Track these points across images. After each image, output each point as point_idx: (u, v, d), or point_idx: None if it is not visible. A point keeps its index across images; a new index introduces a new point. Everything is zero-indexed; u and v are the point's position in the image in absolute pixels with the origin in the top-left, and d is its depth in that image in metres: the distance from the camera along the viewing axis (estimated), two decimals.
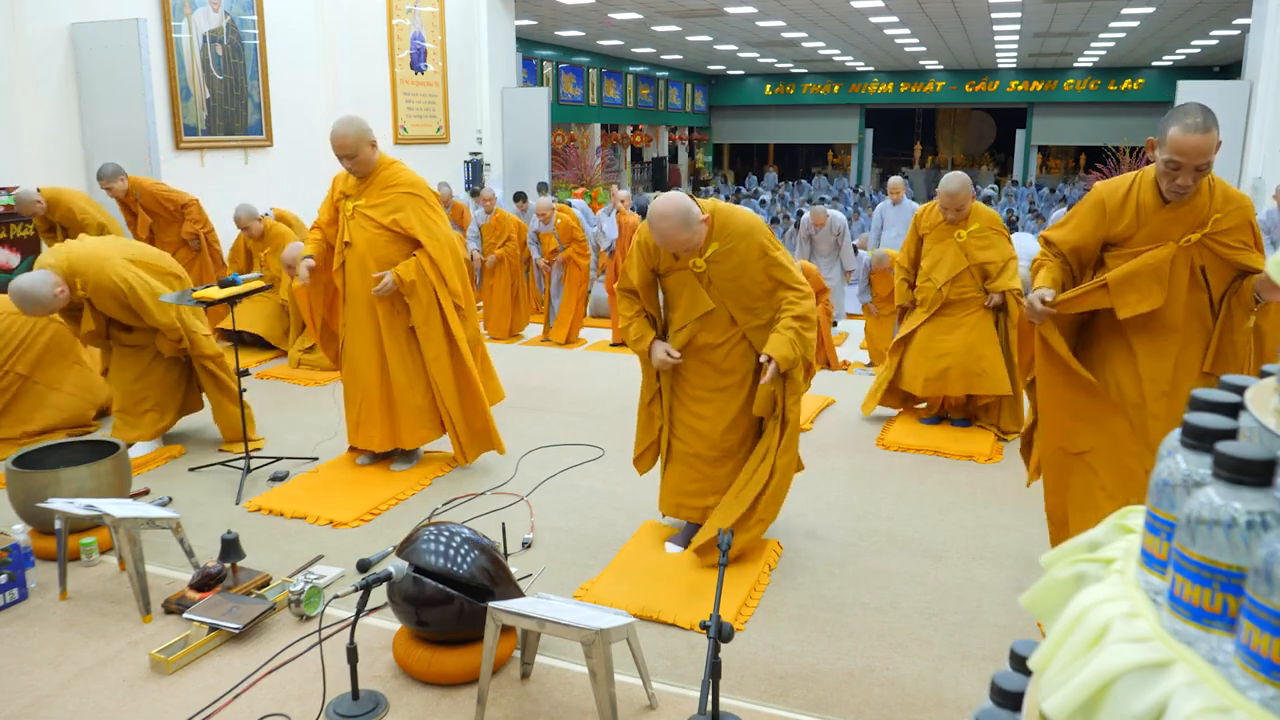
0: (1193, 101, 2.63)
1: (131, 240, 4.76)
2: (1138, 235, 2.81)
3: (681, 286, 3.24)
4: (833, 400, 5.52)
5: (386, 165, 4.11)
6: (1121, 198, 2.84)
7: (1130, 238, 2.83)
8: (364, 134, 3.99)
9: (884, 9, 15.42)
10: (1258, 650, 0.68)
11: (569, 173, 14.13)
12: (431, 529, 2.70)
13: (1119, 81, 24.18)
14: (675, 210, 3.01)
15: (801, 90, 27.84)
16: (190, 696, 2.56)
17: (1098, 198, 2.89)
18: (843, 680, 2.67)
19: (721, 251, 3.15)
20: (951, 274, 4.80)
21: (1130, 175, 2.88)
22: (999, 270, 4.78)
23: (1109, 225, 2.85)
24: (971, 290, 4.82)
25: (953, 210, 4.78)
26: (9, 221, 7.28)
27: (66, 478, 3.32)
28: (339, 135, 3.94)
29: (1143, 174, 2.83)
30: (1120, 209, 2.82)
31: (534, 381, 6.05)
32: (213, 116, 9.18)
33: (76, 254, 4.23)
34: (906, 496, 4.09)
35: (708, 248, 3.15)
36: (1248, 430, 0.83)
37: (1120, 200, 2.83)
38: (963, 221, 4.82)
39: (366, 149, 4.00)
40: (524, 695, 2.57)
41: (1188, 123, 2.56)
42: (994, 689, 0.99)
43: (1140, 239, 2.81)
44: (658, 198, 3.10)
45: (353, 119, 4.00)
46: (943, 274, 4.83)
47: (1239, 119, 10.29)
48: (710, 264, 3.17)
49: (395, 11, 11.58)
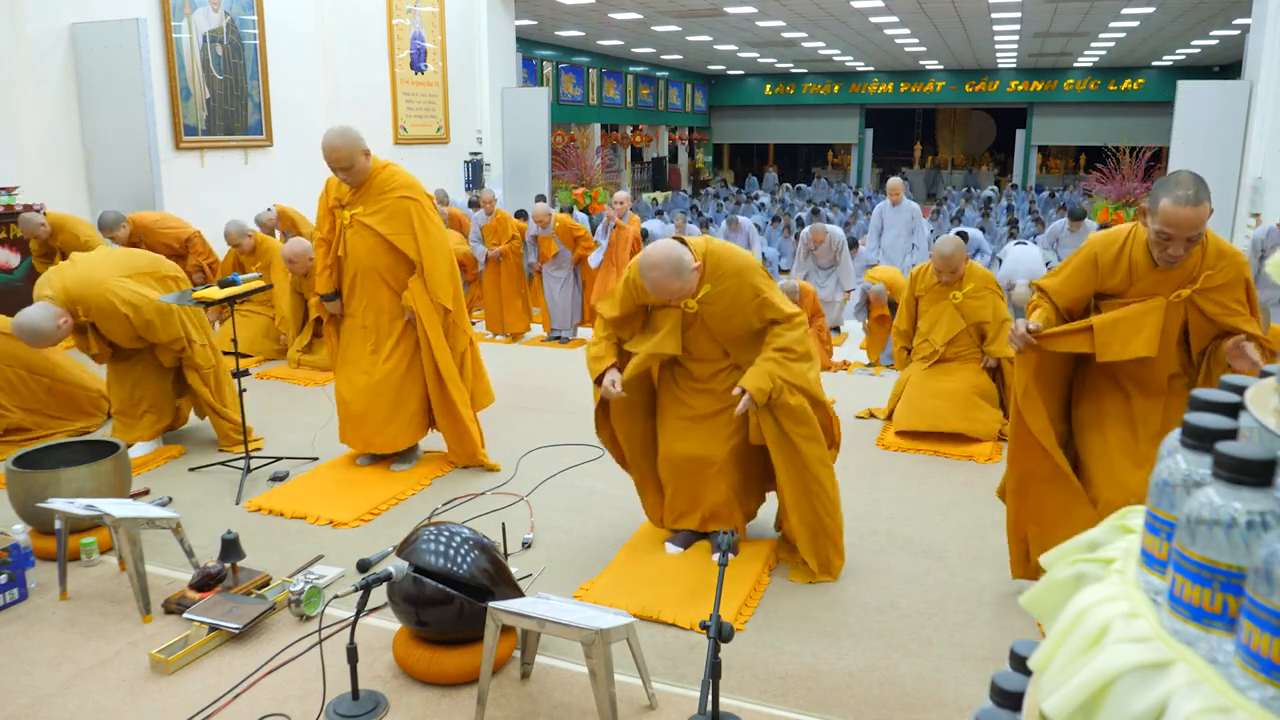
0: (1185, 170, 2.62)
1: (123, 250, 4.72)
2: (1129, 291, 2.86)
3: (664, 320, 3.23)
4: (832, 400, 5.52)
5: (380, 169, 4.07)
6: (1114, 254, 2.85)
7: (1123, 293, 2.87)
8: (357, 144, 3.94)
9: (884, 9, 15.42)
10: (1258, 650, 0.68)
11: (569, 173, 14.11)
12: (431, 529, 2.70)
13: (1119, 81, 24.18)
14: (666, 260, 2.98)
15: (801, 90, 27.84)
16: (190, 696, 2.56)
17: (1091, 252, 2.89)
18: (843, 680, 2.67)
19: (715, 293, 3.14)
20: (949, 335, 4.84)
21: (1125, 230, 2.88)
22: (995, 331, 4.80)
23: (1101, 280, 2.88)
24: (969, 348, 4.88)
25: (947, 272, 4.81)
26: (9, 221, 7.28)
27: (66, 478, 3.32)
28: (332, 148, 3.90)
29: (1136, 231, 2.84)
30: (1113, 265, 2.85)
31: (534, 381, 6.05)
32: (213, 116, 9.18)
33: (73, 280, 4.15)
34: (906, 496, 4.09)
35: (700, 290, 3.13)
36: (1248, 430, 0.83)
37: (1113, 257, 2.85)
38: (957, 283, 4.85)
39: (360, 159, 3.96)
40: (524, 695, 2.57)
41: (1179, 195, 2.55)
42: (994, 689, 0.99)
43: (1132, 294, 2.85)
44: (650, 247, 3.05)
45: (345, 130, 3.96)
46: (940, 335, 4.86)
47: (1239, 119, 10.29)
48: (702, 305, 3.16)
49: (395, 11, 11.58)
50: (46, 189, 7.72)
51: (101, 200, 8.14)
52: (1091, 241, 2.94)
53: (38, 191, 7.61)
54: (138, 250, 4.67)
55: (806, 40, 19.44)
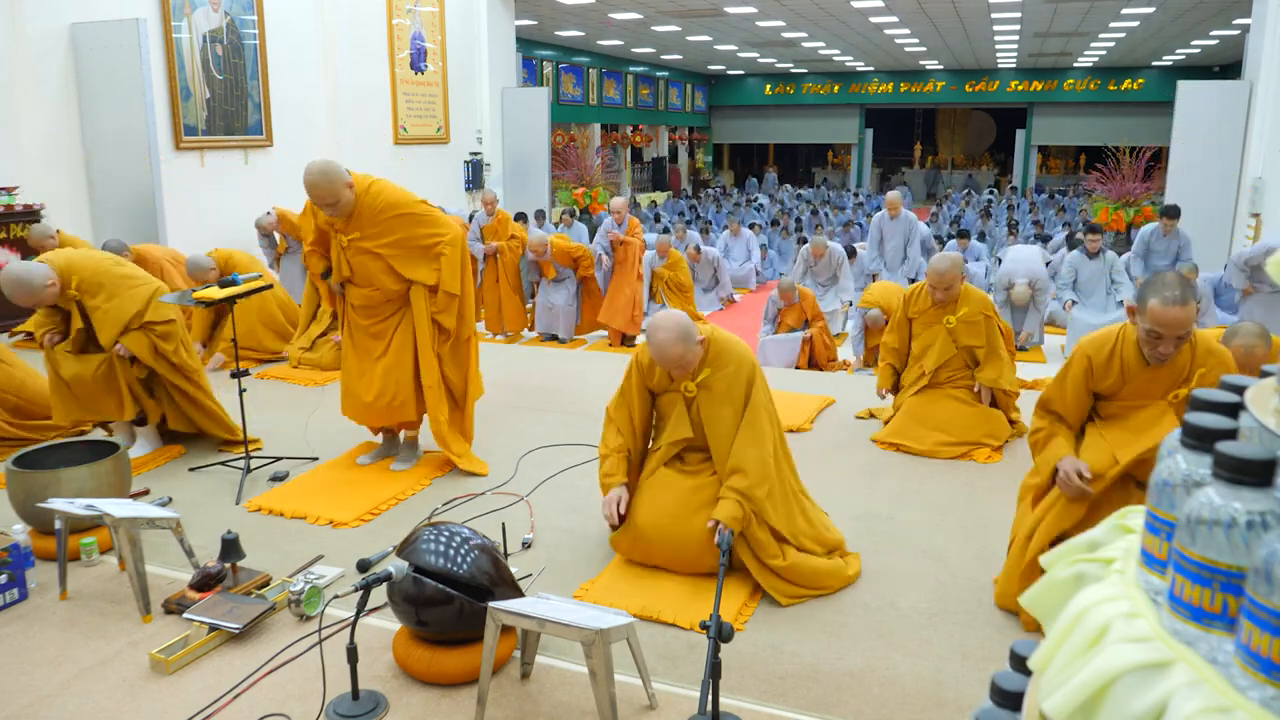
0: (1170, 271, 2.75)
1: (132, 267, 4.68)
2: (1123, 391, 2.96)
3: (671, 407, 3.26)
4: (833, 400, 5.53)
5: (365, 191, 3.95)
6: (1106, 355, 2.94)
7: (1117, 392, 2.97)
8: (338, 179, 3.83)
9: (884, 9, 15.42)
10: (1258, 650, 0.68)
11: (569, 173, 14.12)
12: (431, 529, 2.70)
13: (1119, 81, 24.18)
14: (675, 325, 3.04)
15: (801, 90, 27.84)
16: (190, 696, 2.56)
17: (1083, 355, 2.98)
18: (843, 680, 2.67)
19: (712, 378, 3.15)
20: (940, 360, 4.72)
21: (1114, 331, 2.97)
22: (985, 356, 4.70)
23: (1096, 381, 2.98)
24: (960, 370, 4.77)
25: (941, 289, 4.64)
26: (9, 221, 7.28)
27: (66, 478, 3.32)
28: (314, 185, 3.79)
29: (1125, 331, 2.93)
30: (1106, 366, 2.94)
31: (534, 381, 6.05)
32: (213, 116, 9.19)
33: (75, 256, 4.27)
34: (906, 496, 4.09)
35: (700, 372, 3.15)
36: (1248, 430, 0.83)
37: (1105, 358, 2.94)
38: (951, 305, 4.70)
39: (344, 193, 3.85)
40: (524, 695, 2.57)
41: (1166, 295, 2.66)
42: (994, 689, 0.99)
43: (1126, 394, 2.96)
44: (660, 312, 3.15)
45: (324, 167, 3.83)
46: (932, 361, 4.74)
47: (1239, 119, 10.30)
48: (700, 389, 3.17)
49: (395, 11, 11.58)
50: (46, 189, 7.72)
51: (101, 200, 8.14)
52: (1081, 345, 3.03)
53: (38, 191, 7.62)
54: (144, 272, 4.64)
55: (806, 40, 19.44)
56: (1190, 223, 10.49)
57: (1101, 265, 7.97)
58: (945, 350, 4.74)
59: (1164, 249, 8.53)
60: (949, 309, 4.73)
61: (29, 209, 7.44)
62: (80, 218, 8.10)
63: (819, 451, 4.66)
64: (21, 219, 7.36)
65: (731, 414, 3.14)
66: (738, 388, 3.15)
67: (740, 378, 3.15)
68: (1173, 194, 10.55)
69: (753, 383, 3.17)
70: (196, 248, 8.68)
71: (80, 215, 8.11)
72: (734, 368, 3.16)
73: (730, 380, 3.15)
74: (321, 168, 3.83)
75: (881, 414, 5.09)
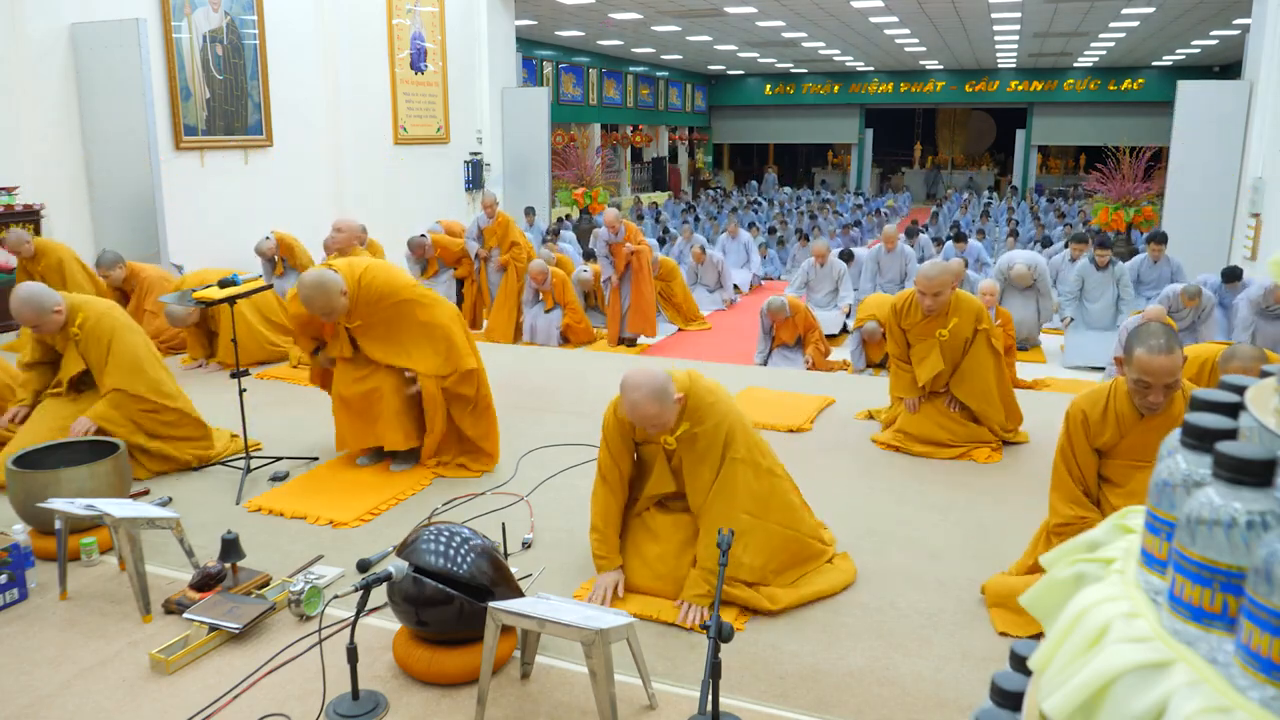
0: (1155, 322, 2.81)
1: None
2: (1120, 446, 2.99)
3: (653, 459, 3.16)
4: (833, 400, 5.53)
5: (356, 284, 3.91)
6: (1101, 411, 2.97)
7: (1115, 447, 3.00)
8: (332, 290, 3.81)
9: (884, 9, 15.42)
10: (1258, 650, 0.68)
11: (569, 173, 14.11)
12: (431, 529, 2.70)
13: (1119, 81, 24.18)
14: (648, 382, 2.90)
15: (801, 90, 27.84)
16: (190, 696, 2.56)
17: (1079, 411, 3.01)
18: (843, 680, 2.67)
19: (690, 434, 3.03)
20: (933, 373, 4.60)
21: (1105, 387, 2.99)
22: (969, 369, 4.58)
23: (1094, 436, 3.01)
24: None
25: (930, 295, 4.46)
26: (9, 221, 7.28)
27: (66, 478, 3.32)
28: (309, 300, 3.79)
29: (1116, 385, 2.95)
30: (1101, 422, 2.99)
31: (534, 381, 6.05)
32: (213, 116, 9.19)
33: (92, 300, 4.21)
34: (906, 496, 4.09)
35: (678, 427, 3.04)
36: (1248, 430, 0.83)
37: (1100, 414, 2.98)
38: (942, 317, 4.55)
39: (339, 300, 3.84)
40: (524, 695, 2.57)
41: (1151, 344, 2.72)
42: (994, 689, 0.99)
43: (1124, 450, 2.99)
44: (633, 369, 2.98)
45: (317, 280, 3.78)
46: (925, 374, 4.62)
47: (1239, 119, 10.30)
48: (680, 443, 3.05)
49: (395, 11, 11.58)
50: (46, 189, 7.72)
51: (101, 200, 8.15)
52: (1076, 403, 3.04)
53: (38, 191, 7.62)
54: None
55: (806, 40, 19.44)
56: (1190, 223, 10.49)
57: (1109, 276, 7.93)
58: (935, 365, 4.58)
59: (1155, 278, 8.48)
60: (939, 321, 4.57)
61: (29, 209, 7.44)
62: (80, 218, 8.10)
63: (819, 451, 4.66)
64: (21, 219, 7.36)
65: (709, 473, 3.02)
66: (715, 448, 3.01)
67: (719, 436, 3.01)
68: (1173, 194, 10.56)
69: (730, 440, 3.02)
70: (196, 248, 8.72)
71: (80, 215, 8.11)
72: (713, 423, 3.01)
73: (710, 438, 3.01)
74: (315, 281, 3.78)
75: (881, 414, 5.08)
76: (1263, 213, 9.61)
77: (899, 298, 4.79)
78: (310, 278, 3.82)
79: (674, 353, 8.00)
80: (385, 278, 4.02)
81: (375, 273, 4.00)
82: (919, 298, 4.55)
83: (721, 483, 3.01)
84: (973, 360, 4.59)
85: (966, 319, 4.57)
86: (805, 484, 4.17)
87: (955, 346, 4.60)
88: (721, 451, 3.02)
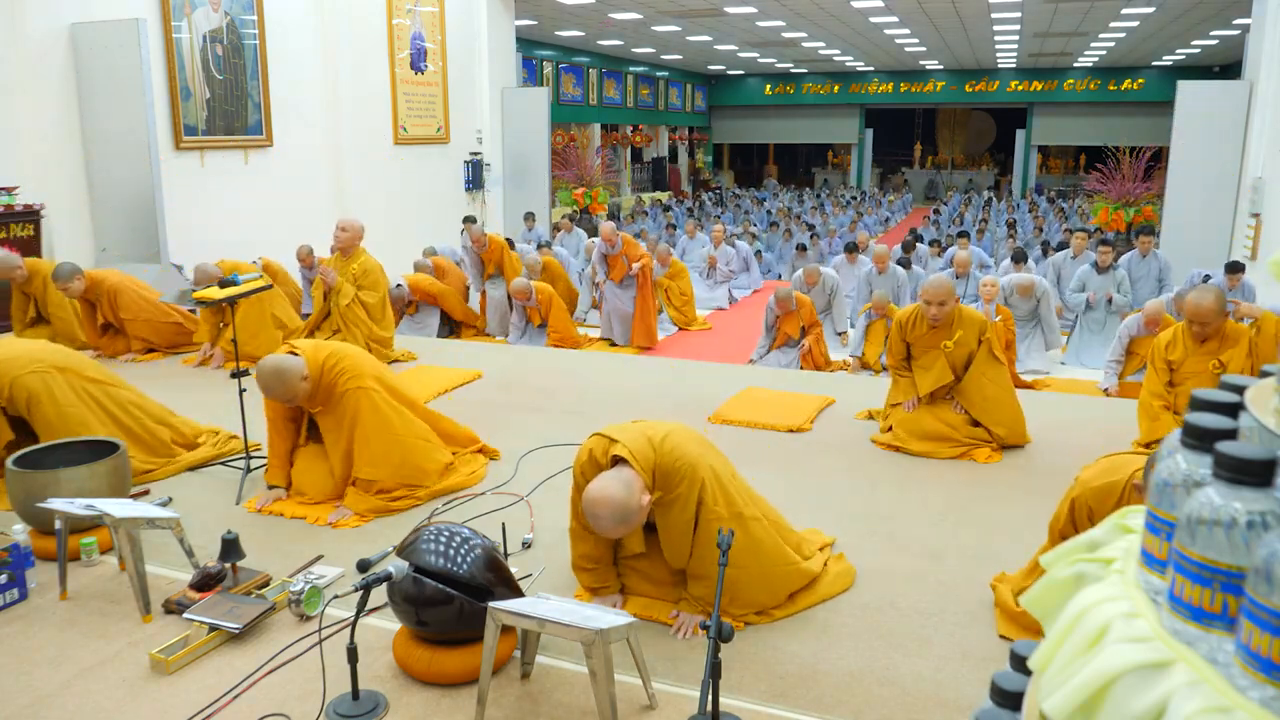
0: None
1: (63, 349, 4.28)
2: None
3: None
4: (833, 400, 5.52)
5: (318, 370, 3.71)
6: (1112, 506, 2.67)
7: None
8: (292, 378, 3.62)
9: (884, 9, 15.42)
10: (1258, 650, 0.68)
11: (569, 173, 14.12)
12: (431, 529, 2.70)
13: (1119, 81, 24.19)
14: (614, 506, 2.61)
15: (801, 90, 27.85)
16: (190, 696, 2.56)
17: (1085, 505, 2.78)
18: (843, 680, 2.67)
19: (664, 501, 2.85)
20: (937, 384, 4.63)
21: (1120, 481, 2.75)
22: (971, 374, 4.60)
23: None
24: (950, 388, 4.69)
25: (935, 304, 4.52)
26: (9, 221, 7.28)
27: (66, 478, 3.31)
28: (268, 388, 3.62)
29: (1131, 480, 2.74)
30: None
31: (534, 381, 6.05)
32: (213, 116, 9.19)
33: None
34: (906, 496, 4.09)
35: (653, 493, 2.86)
36: (1248, 430, 0.83)
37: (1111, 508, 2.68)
38: (947, 329, 4.60)
39: (300, 385, 3.65)
40: (524, 695, 2.57)
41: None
42: (994, 689, 0.99)
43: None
44: (595, 484, 2.67)
45: (276, 368, 3.59)
46: (928, 385, 4.65)
47: (1239, 119, 10.30)
48: (655, 506, 2.88)
49: (395, 11, 11.58)
50: (46, 189, 7.72)
51: (101, 200, 8.15)
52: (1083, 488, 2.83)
53: (38, 191, 7.62)
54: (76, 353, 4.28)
55: (806, 40, 19.44)
56: (1190, 222, 10.49)
57: (1110, 280, 7.90)
58: (943, 376, 4.63)
59: (1145, 273, 8.49)
60: (944, 332, 4.62)
61: (29, 209, 7.43)
62: (80, 218, 8.11)
63: (819, 451, 4.66)
64: (21, 219, 7.36)
65: (684, 538, 2.88)
66: (689, 511, 2.85)
67: (691, 499, 2.84)
68: (1173, 194, 10.55)
69: (704, 499, 2.83)
70: (196, 248, 8.70)
71: (80, 215, 8.11)
72: (685, 487, 2.83)
73: (683, 503, 2.84)
74: (273, 369, 3.59)
75: (880, 415, 5.08)
76: (1263, 213, 9.61)
77: (904, 312, 4.84)
78: (270, 365, 3.62)
79: (674, 353, 8.00)
80: (347, 362, 3.77)
81: (340, 356, 3.77)
82: (924, 307, 4.61)
83: (701, 547, 2.87)
84: (978, 371, 4.65)
85: (971, 331, 4.65)
86: (805, 484, 4.19)
87: (960, 357, 4.66)
88: (695, 512, 2.84)
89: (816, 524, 3.75)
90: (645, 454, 2.79)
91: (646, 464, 2.77)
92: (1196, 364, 4.49)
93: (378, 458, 3.77)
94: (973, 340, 4.65)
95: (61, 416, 3.91)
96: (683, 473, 2.81)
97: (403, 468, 3.84)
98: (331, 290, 6.38)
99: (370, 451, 3.77)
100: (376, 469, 3.77)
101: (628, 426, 2.94)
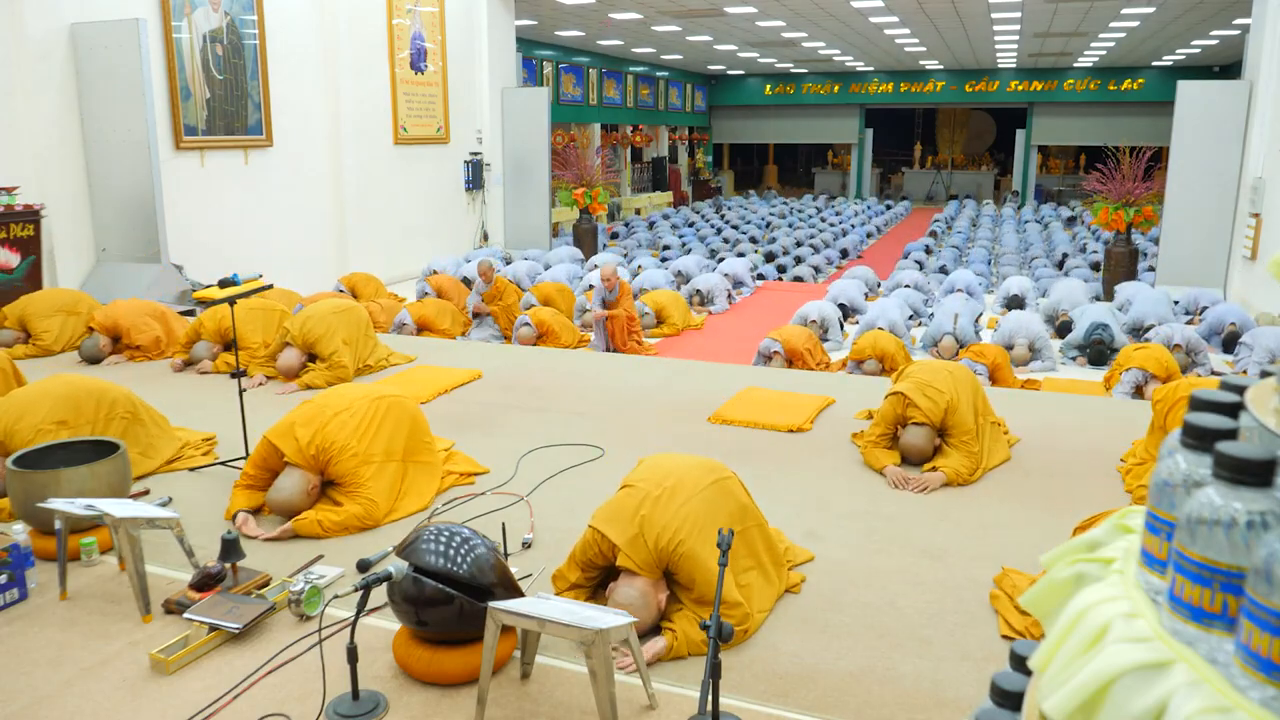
0: None
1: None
2: None
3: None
4: (833, 400, 5.52)
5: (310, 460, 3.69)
6: None
7: None
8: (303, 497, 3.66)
9: (884, 9, 15.41)
10: (1258, 650, 0.68)
11: (569, 173, 14.10)
12: (431, 529, 2.70)
13: (1119, 81, 24.18)
14: (641, 612, 2.70)
15: (801, 90, 27.83)
16: (190, 696, 2.56)
17: None
18: (843, 680, 2.67)
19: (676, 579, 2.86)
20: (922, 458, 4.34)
21: None
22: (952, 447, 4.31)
23: None
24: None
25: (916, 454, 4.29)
26: (9, 221, 7.28)
27: (66, 478, 3.31)
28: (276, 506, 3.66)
29: None
30: None
31: (534, 381, 6.05)
32: (213, 116, 9.19)
33: None
34: (906, 496, 4.09)
35: None
36: (1248, 430, 0.83)
37: None
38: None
39: (303, 500, 3.67)
40: (524, 695, 2.57)
41: None
42: (994, 689, 0.99)
43: None
44: (621, 597, 2.74)
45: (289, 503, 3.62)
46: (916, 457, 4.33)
47: (1239, 119, 10.28)
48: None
49: (395, 11, 11.58)
50: (46, 189, 7.73)
51: (101, 200, 8.15)
52: None
53: (38, 191, 7.62)
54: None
55: (806, 40, 19.44)
56: (1190, 222, 10.49)
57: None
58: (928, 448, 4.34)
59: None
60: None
61: (29, 209, 7.43)
62: (80, 218, 8.11)
63: (819, 451, 4.66)
64: (21, 219, 7.36)
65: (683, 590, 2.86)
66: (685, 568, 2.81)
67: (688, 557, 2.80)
68: (1173, 194, 10.54)
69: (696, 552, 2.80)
70: (196, 248, 8.72)
71: (80, 215, 8.11)
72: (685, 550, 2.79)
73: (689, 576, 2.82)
74: (285, 502, 3.63)
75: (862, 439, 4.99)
76: (1263, 213, 9.60)
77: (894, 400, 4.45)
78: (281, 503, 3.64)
79: (674, 352, 7.99)
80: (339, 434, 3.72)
81: (330, 433, 3.71)
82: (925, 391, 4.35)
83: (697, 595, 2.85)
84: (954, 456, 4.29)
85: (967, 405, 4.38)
86: (805, 484, 4.19)
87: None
88: (690, 573, 2.81)
89: (816, 523, 3.75)
90: (649, 561, 2.79)
91: (651, 565, 2.79)
92: None
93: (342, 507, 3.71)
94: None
95: None
96: (678, 530, 2.80)
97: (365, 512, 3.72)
98: None
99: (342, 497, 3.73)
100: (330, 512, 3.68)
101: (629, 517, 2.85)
